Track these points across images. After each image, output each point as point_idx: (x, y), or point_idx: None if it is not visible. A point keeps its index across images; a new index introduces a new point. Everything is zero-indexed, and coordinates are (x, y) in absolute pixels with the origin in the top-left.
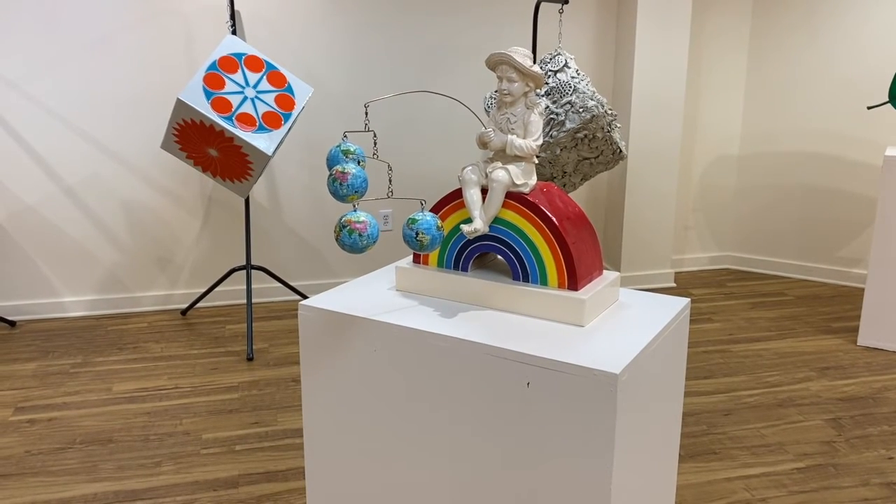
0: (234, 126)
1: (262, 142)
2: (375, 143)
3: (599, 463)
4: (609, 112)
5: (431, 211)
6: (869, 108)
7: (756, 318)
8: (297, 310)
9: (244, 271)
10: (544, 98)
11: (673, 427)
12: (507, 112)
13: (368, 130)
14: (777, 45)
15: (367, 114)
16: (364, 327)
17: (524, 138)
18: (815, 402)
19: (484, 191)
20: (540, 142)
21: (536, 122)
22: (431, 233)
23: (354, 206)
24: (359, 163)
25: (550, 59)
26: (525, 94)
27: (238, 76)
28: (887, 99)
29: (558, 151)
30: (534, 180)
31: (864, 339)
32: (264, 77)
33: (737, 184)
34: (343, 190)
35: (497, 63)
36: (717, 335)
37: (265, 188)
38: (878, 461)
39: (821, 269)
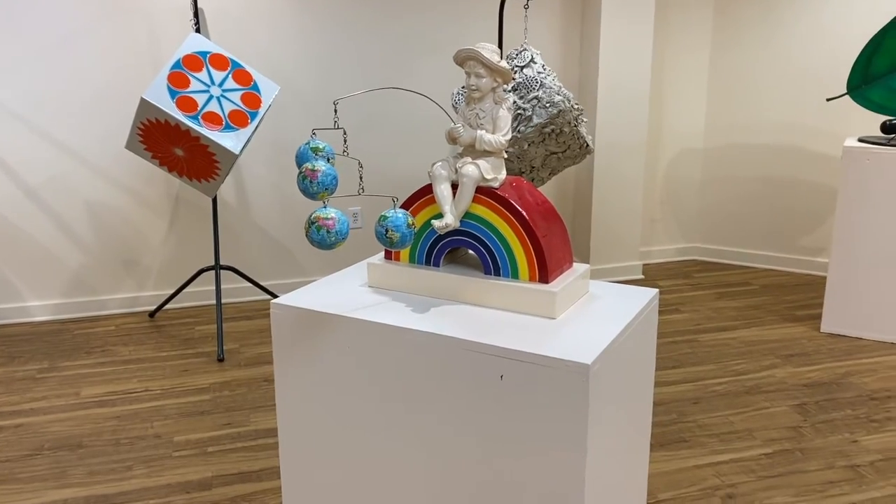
0: (200, 125)
1: (228, 141)
2: (345, 141)
3: (573, 453)
4: (576, 107)
5: (402, 207)
6: (828, 99)
7: (722, 308)
8: (267, 309)
9: (213, 272)
10: (512, 93)
11: (644, 416)
12: (476, 108)
13: (338, 128)
14: (739, 39)
15: (336, 111)
16: (337, 325)
17: (493, 133)
18: (781, 389)
19: (454, 186)
20: (509, 136)
21: (505, 117)
22: (401, 230)
23: (324, 203)
24: (328, 160)
25: (517, 55)
26: (493, 89)
27: (203, 75)
28: (846, 91)
29: (526, 146)
30: (503, 175)
31: (827, 326)
32: (230, 75)
33: (702, 176)
34: (313, 188)
35: (465, 59)
36: (684, 325)
37: (233, 187)
38: (842, 444)
39: (784, 258)
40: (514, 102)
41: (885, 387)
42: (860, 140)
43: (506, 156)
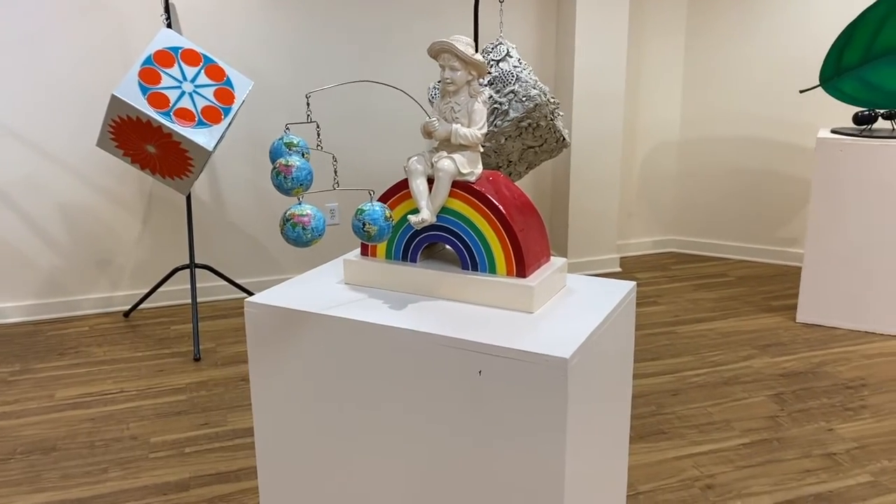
0: (173, 122)
1: (201, 137)
2: (319, 135)
3: (553, 447)
4: (552, 100)
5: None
6: (801, 91)
7: (699, 300)
8: (243, 308)
9: (188, 270)
10: (487, 87)
11: (623, 409)
12: (451, 101)
13: (311, 122)
14: (713, 31)
15: (308, 104)
16: (313, 323)
17: (469, 127)
18: (758, 379)
19: (430, 181)
20: (484, 130)
21: (480, 110)
22: (379, 223)
23: (299, 199)
24: (303, 155)
25: (492, 49)
26: (468, 82)
27: (175, 70)
28: (818, 82)
29: (503, 140)
30: (479, 169)
31: (802, 316)
32: (202, 71)
33: (677, 169)
34: (287, 183)
35: (439, 52)
36: (662, 317)
37: (207, 184)
38: (818, 433)
39: (759, 249)
40: (491, 97)
41: (858, 375)
42: (833, 131)
43: (482, 150)
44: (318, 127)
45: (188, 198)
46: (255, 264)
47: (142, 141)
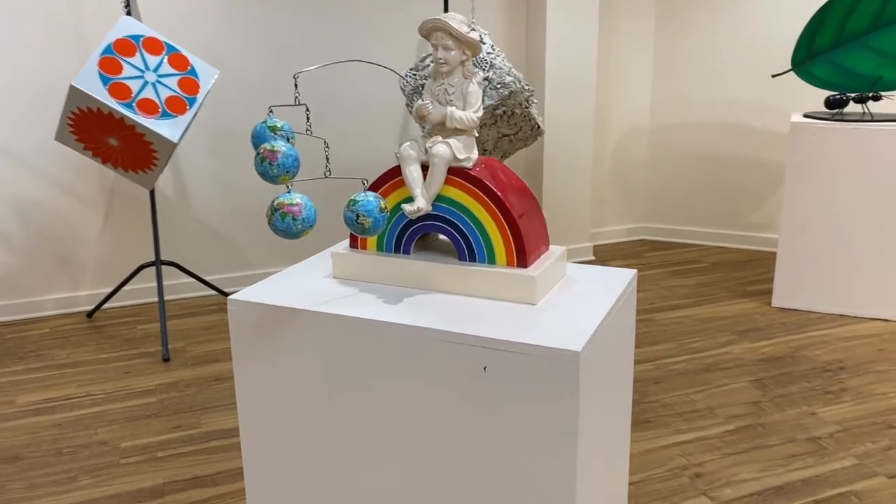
0: (136, 113)
1: (166, 129)
2: (308, 118)
3: (564, 442)
4: (526, 88)
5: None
6: (773, 76)
7: (675, 287)
8: (213, 305)
9: (153, 268)
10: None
11: (625, 398)
12: (444, 83)
13: (300, 104)
14: (682, 18)
15: (296, 85)
16: (302, 320)
17: (464, 110)
18: (739, 365)
19: (424, 167)
20: (480, 113)
21: (476, 92)
22: (374, 215)
23: (288, 187)
24: (288, 139)
25: None
26: (462, 63)
27: (136, 59)
28: (790, 67)
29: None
30: (475, 154)
31: (778, 301)
32: (165, 60)
33: (649, 156)
34: (273, 170)
35: (431, 30)
36: (638, 305)
37: (171, 178)
38: (801, 417)
39: (732, 235)
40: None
41: (836, 358)
42: (806, 116)
43: (476, 134)
44: (307, 110)
45: (152, 192)
46: (222, 260)
47: (103, 134)
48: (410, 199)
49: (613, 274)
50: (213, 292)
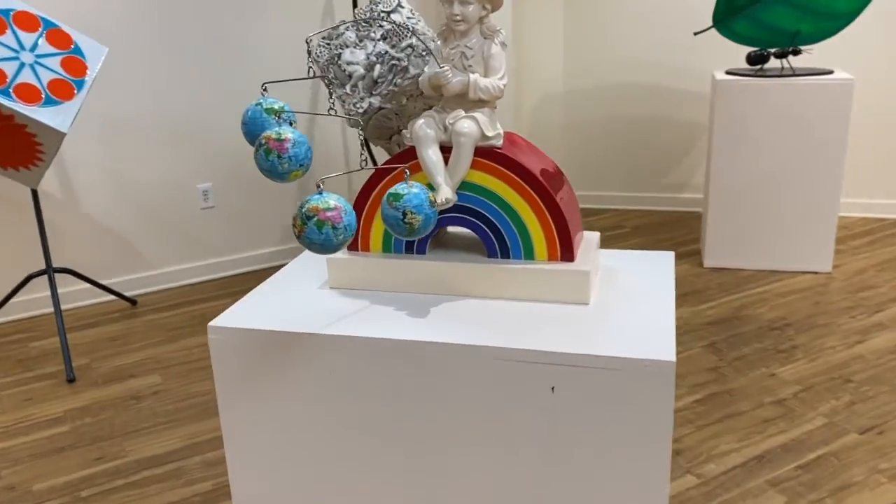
0: (13, 100)
1: (52, 117)
2: (331, 95)
3: (653, 455)
4: None
5: (373, 180)
6: (695, 34)
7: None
8: (115, 312)
9: (44, 276)
10: (381, 42)
11: None
12: (460, 44)
13: (317, 76)
14: None
15: (309, 52)
16: (304, 346)
17: (487, 76)
18: (688, 331)
19: (443, 148)
20: (506, 80)
21: (499, 54)
22: (424, 211)
23: (319, 187)
24: (291, 124)
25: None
26: (480, 19)
27: (8, 38)
28: (711, 24)
29: (404, 101)
30: (501, 130)
31: (709, 261)
32: (42, 37)
33: (564, 120)
34: (283, 165)
35: None
36: None
37: (55, 175)
38: (762, 380)
39: (650, 197)
40: (387, 52)
41: (779, 315)
42: (728, 73)
43: (496, 107)
44: (329, 84)
45: (34, 192)
46: (121, 261)
47: None
48: (432, 188)
49: (652, 259)
50: (113, 297)
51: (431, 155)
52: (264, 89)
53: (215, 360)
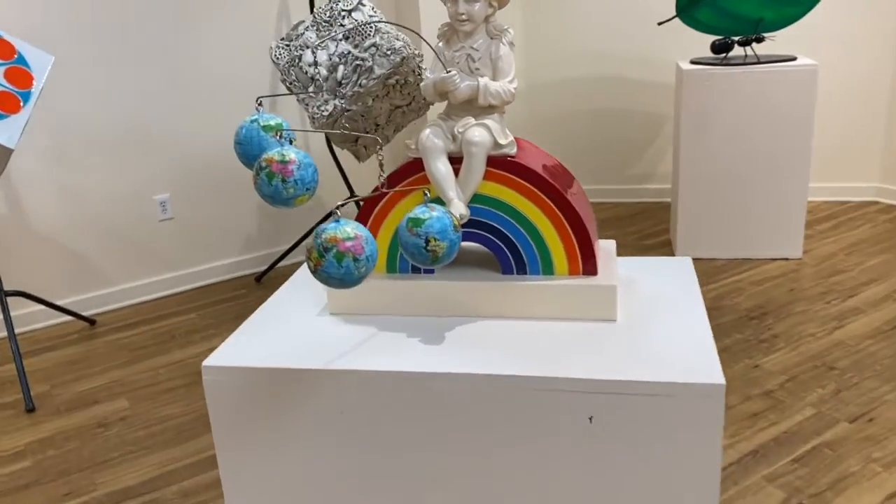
0: None
1: None
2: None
3: (702, 485)
4: (417, 53)
5: (375, 194)
6: (659, 23)
7: None
8: (73, 334)
9: None
10: (343, 41)
11: None
12: (464, 45)
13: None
14: None
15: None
16: (309, 383)
17: (496, 80)
18: None
19: (452, 159)
20: (517, 83)
21: (508, 55)
22: (448, 236)
23: (336, 215)
24: (291, 142)
25: None
26: (486, 18)
27: None
28: (675, 13)
29: (370, 102)
30: (513, 137)
31: (681, 252)
32: None
33: (527, 117)
34: (288, 190)
35: None
36: None
37: (2, 193)
38: (747, 372)
39: (615, 189)
40: (350, 52)
41: (756, 304)
42: (693, 62)
43: (505, 112)
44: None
45: None
46: (77, 280)
47: None
48: (442, 203)
49: (672, 265)
50: (70, 318)
51: (441, 167)
52: (259, 104)
53: (211, 403)
